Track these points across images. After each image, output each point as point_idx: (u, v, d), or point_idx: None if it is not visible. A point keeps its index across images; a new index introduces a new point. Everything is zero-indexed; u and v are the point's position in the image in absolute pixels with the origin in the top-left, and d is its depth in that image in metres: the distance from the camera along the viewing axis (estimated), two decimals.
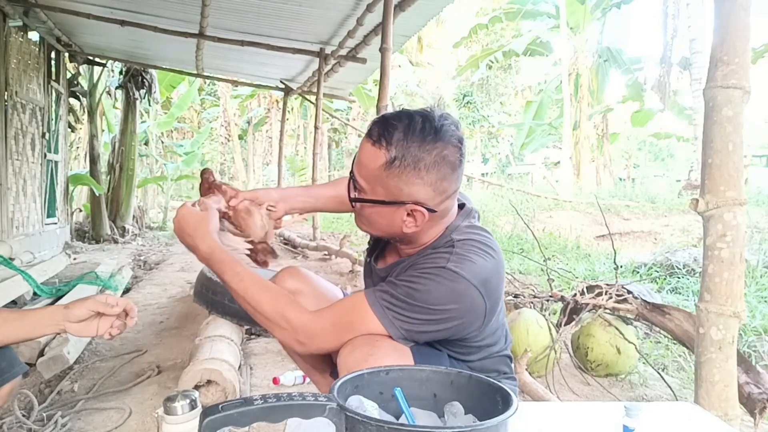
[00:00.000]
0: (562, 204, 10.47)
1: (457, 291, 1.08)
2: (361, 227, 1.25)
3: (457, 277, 1.09)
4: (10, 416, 1.98)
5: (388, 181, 1.11)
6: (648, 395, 2.55)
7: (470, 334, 1.16)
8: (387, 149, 1.10)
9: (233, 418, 0.75)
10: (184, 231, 1.25)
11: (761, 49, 11.83)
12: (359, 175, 1.15)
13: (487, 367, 1.26)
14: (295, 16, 4.99)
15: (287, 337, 1.17)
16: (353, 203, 1.20)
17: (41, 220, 6.37)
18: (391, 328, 1.09)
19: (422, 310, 1.08)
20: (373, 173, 1.12)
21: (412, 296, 1.09)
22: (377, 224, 1.20)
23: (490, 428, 0.74)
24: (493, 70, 20.92)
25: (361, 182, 1.15)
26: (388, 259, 1.33)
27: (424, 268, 1.12)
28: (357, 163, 1.17)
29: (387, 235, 1.22)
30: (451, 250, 1.13)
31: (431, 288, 1.08)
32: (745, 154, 4.18)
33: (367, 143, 1.13)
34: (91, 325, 1.23)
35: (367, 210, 1.18)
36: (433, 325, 1.10)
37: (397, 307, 1.09)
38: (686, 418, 1.21)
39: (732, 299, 1.48)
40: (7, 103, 5.33)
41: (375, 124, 1.15)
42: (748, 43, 1.48)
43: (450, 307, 1.08)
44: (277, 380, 2.43)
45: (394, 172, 1.10)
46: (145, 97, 8.84)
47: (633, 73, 14.80)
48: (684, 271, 4.54)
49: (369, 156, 1.12)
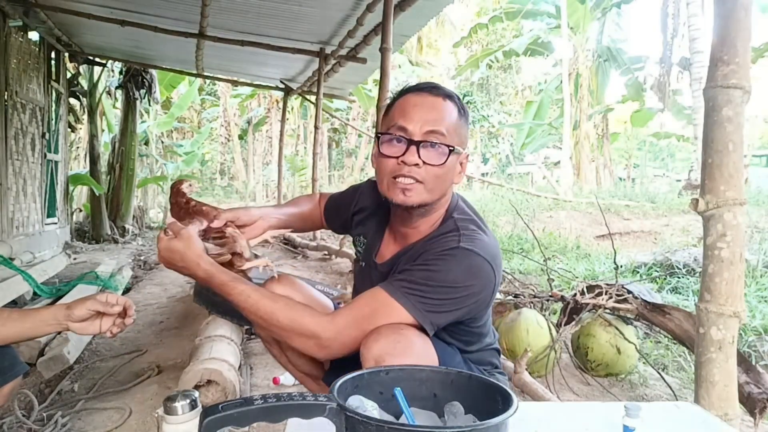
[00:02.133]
0: (562, 204, 10.46)
1: (473, 267, 1.13)
2: (420, 198, 1.18)
3: (471, 254, 1.13)
4: (10, 416, 1.98)
5: (461, 130, 1.21)
6: (648, 395, 2.55)
7: (479, 313, 1.21)
8: (452, 101, 1.20)
9: (233, 418, 0.75)
10: (175, 265, 1.22)
11: (761, 49, 11.83)
12: (443, 128, 1.17)
13: (484, 359, 1.32)
14: (295, 16, 4.99)
15: (307, 344, 1.14)
16: (447, 156, 1.17)
17: (41, 220, 6.37)
18: (416, 312, 1.10)
19: (444, 291, 1.11)
20: (454, 123, 1.19)
21: (432, 278, 1.11)
22: (446, 180, 1.21)
23: (490, 428, 0.74)
24: (493, 69, 20.91)
25: (447, 134, 1.17)
26: (385, 253, 1.33)
27: (437, 251, 1.15)
28: (434, 120, 1.17)
29: (440, 195, 1.21)
30: (456, 231, 1.18)
31: (450, 267, 1.12)
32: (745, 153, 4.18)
33: (438, 99, 1.19)
34: (94, 324, 1.26)
35: (450, 165, 1.18)
36: (455, 304, 1.13)
37: (419, 291, 1.10)
38: (686, 418, 1.21)
39: (732, 299, 1.48)
40: (7, 103, 5.33)
41: (426, 85, 1.22)
42: (748, 43, 1.48)
43: (470, 284, 1.13)
44: (277, 380, 2.43)
45: (464, 120, 1.22)
46: (145, 97, 8.82)
47: (633, 73, 14.81)
48: (684, 270, 4.54)
49: (445, 109, 1.19)
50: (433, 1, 4.48)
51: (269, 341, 1.51)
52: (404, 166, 1.16)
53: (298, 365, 1.51)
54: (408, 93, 1.23)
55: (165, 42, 6.05)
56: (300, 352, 1.48)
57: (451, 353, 1.21)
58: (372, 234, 1.38)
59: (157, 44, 6.38)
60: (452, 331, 1.21)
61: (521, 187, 13.86)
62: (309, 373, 1.51)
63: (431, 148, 1.16)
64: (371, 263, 1.36)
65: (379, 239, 1.36)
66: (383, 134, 1.22)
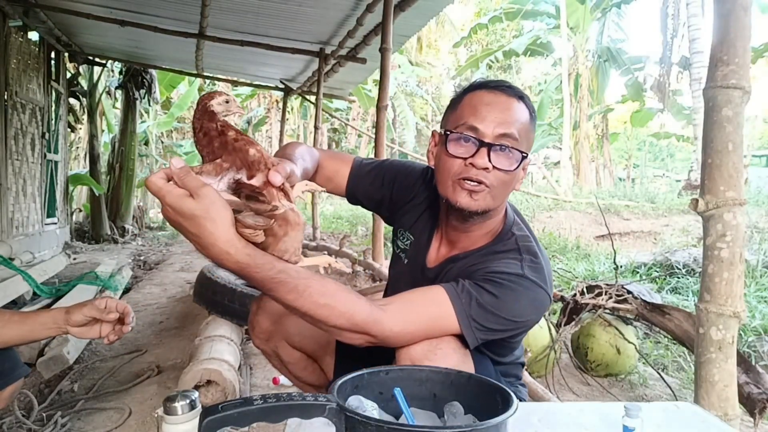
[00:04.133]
0: (562, 204, 10.46)
1: (537, 300, 1.10)
2: (485, 204, 1.11)
3: (536, 286, 1.09)
4: (10, 416, 1.98)
5: (530, 135, 1.15)
6: (648, 395, 2.55)
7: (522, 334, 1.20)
8: (525, 102, 1.13)
9: (233, 418, 0.75)
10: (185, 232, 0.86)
11: (761, 49, 11.84)
12: (516, 132, 1.10)
13: (509, 372, 1.31)
14: (294, 16, 4.99)
15: (355, 340, 1.03)
16: (520, 162, 1.11)
17: (41, 220, 6.37)
18: (470, 338, 1.06)
19: (506, 322, 1.08)
20: (525, 128, 1.12)
21: (499, 308, 1.06)
22: (510, 187, 1.14)
23: (490, 428, 0.74)
24: (493, 70, 20.90)
25: (521, 140, 1.10)
26: (435, 257, 1.26)
27: (501, 274, 1.08)
28: (508, 123, 1.09)
29: (501, 201, 1.15)
30: (519, 254, 1.13)
31: (517, 298, 1.07)
32: (745, 154, 4.18)
33: (512, 100, 1.11)
34: (93, 329, 1.25)
35: (518, 172, 1.13)
36: (509, 332, 1.11)
37: (482, 317, 1.05)
38: (686, 419, 1.20)
39: (732, 299, 1.48)
40: (7, 103, 5.33)
41: (499, 83, 1.15)
42: (748, 43, 1.48)
43: (531, 317, 1.12)
44: (277, 380, 2.43)
45: (533, 124, 1.15)
46: (145, 97, 8.83)
47: (633, 73, 14.81)
48: (684, 271, 4.54)
49: (518, 112, 1.11)
50: (433, 1, 4.49)
51: (270, 354, 1.44)
52: (472, 168, 1.09)
53: (301, 377, 1.47)
54: (480, 89, 1.14)
55: (165, 42, 6.05)
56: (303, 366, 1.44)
57: (485, 365, 1.17)
58: (420, 232, 1.29)
59: (157, 44, 6.38)
60: (489, 344, 1.16)
61: (521, 187, 13.84)
62: (312, 384, 1.48)
63: (502, 152, 1.09)
64: (418, 264, 1.28)
65: (429, 240, 1.28)
66: (451, 132, 1.12)
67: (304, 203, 8.37)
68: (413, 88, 21.01)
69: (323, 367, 1.46)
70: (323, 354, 1.43)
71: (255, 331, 1.41)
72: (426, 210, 1.30)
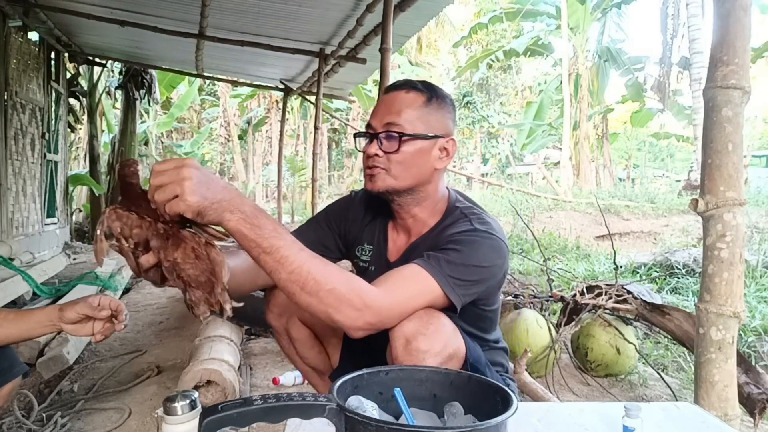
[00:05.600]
0: (562, 204, 10.47)
1: (494, 246, 1.19)
2: (384, 184, 1.24)
3: (489, 235, 1.20)
4: (10, 416, 1.98)
5: (429, 117, 1.25)
6: (648, 395, 2.55)
7: (494, 292, 1.27)
8: (419, 91, 1.26)
9: (233, 418, 0.75)
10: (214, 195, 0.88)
11: (761, 49, 11.84)
12: (399, 118, 1.23)
13: (495, 359, 1.36)
14: (294, 16, 4.99)
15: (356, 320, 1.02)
16: (399, 143, 1.22)
17: (41, 220, 6.37)
18: (454, 296, 1.12)
19: (476, 269, 1.15)
20: (415, 112, 1.24)
21: (466, 259, 1.14)
22: (413, 166, 1.24)
23: (490, 428, 0.74)
24: (493, 70, 20.92)
25: (402, 123, 1.23)
26: (396, 250, 1.35)
27: (456, 234, 1.19)
28: (390, 112, 1.24)
29: (415, 181, 1.26)
30: (466, 217, 1.24)
31: (476, 247, 1.17)
32: (745, 154, 4.18)
33: (399, 93, 1.26)
34: (86, 327, 1.25)
35: (408, 151, 1.23)
36: (482, 284, 1.17)
37: (456, 271, 1.13)
38: (686, 419, 1.20)
39: (732, 299, 1.48)
40: (7, 103, 5.33)
41: (394, 84, 1.29)
42: (747, 44, 1.48)
43: (496, 263, 1.18)
44: (277, 380, 2.43)
45: (434, 106, 1.26)
46: (145, 97, 8.83)
47: (633, 73, 14.81)
48: (684, 271, 4.54)
49: (404, 100, 1.25)
50: (433, 2, 4.48)
51: (280, 331, 1.47)
52: (368, 158, 1.25)
53: (306, 357, 1.50)
54: (383, 95, 1.32)
55: (165, 42, 6.05)
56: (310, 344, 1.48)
57: (474, 347, 1.23)
58: (376, 236, 1.39)
59: (157, 44, 6.38)
60: (469, 316, 1.23)
61: (521, 188, 13.86)
62: (316, 367, 1.51)
63: (387, 138, 1.23)
64: (383, 264, 1.34)
65: (386, 238, 1.37)
66: (357, 134, 1.32)
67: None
68: None
69: (329, 349, 1.51)
70: (331, 334, 1.48)
71: (270, 305, 1.45)
72: (373, 218, 1.41)
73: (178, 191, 0.86)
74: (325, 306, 0.99)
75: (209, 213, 0.89)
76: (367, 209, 1.42)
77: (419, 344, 1.07)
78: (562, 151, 15.81)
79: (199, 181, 0.87)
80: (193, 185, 0.86)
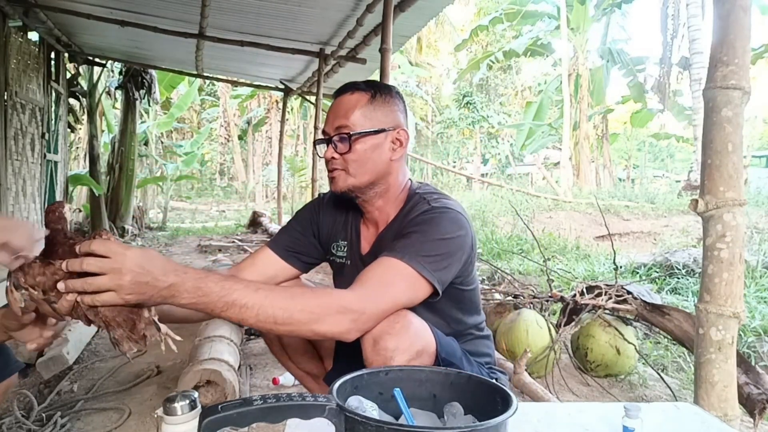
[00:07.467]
0: (562, 204, 10.46)
1: (453, 218, 1.22)
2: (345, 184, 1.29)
3: (446, 209, 1.24)
4: (10, 416, 1.98)
5: (375, 113, 1.29)
6: (648, 396, 2.55)
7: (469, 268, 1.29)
8: (363, 91, 1.30)
9: (233, 418, 0.75)
10: (143, 287, 0.93)
11: (761, 50, 11.84)
12: (347, 120, 1.27)
13: (479, 350, 1.38)
14: (294, 16, 5.00)
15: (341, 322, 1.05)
16: (350, 143, 1.26)
17: (41, 220, 6.37)
18: (426, 272, 1.14)
19: (441, 244, 1.17)
20: (361, 111, 1.28)
21: (429, 235, 1.18)
22: (368, 161, 1.28)
23: (490, 428, 0.74)
24: (493, 70, 20.91)
25: (351, 124, 1.27)
26: (367, 243, 1.39)
27: (416, 218, 1.24)
28: (338, 116, 1.29)
29: (374, 175, 1.30)
30: (423, 199, 1.29)
31: (437, 222, 1.21)
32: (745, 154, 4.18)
33: (345, 96, 1.31)
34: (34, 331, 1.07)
35: (360, 149, 1.27)
36: (451, 256, 1.19)
37: (425, 250, 1.15)
38: (686, 419, 1.21)
39: (731, 300, 1.48)
40: (7, 103, 5.33)
41: (340, 88, 1.34)
42: (747, 44, 1.48)
43: (458, 233, 1.21)
44: (277, 380, 2.43)
45: (378, 102, 1.30)
46: (145, 97, 8.82)
47: (635, 74, 14.80)
48: (683, 271, 4.54)
49: (350, 102, 1.29)
50: (433, 2, 4.49)
51: (271, 338, 1.51)
52: (327, 162, 1.31)
53: (299, 363, 1.52)
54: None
55: (165, 42, 6.06)
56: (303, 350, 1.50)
57: (448, 340, 1.25)
58: (349, 232, 1.42)
59: (157, 44, 6.38)
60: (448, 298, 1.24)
61: (521, 188, 13.86)
62: (310, 372, 1.53)
63: (340, 140, 1.28)
64: (357, 258, 1.38)
65: (358, 233, 1.41)
66: (315, 142, 1.41)
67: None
68: (413, 89, 21.02)
69: (321, 353, 1.52)
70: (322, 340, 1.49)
71: None
72: (345, 216, 1.44)
73: (114, 287, 0.90)
74: (304, 326, 1.03)
75: (150, 303, 0.95)
76: (337, 209, 1.45)
77: (386, 343, 1.08)
78: (562, 151, 15.80)
79: (137, 281, 0.91)
80: (132, 284, 0.91)
